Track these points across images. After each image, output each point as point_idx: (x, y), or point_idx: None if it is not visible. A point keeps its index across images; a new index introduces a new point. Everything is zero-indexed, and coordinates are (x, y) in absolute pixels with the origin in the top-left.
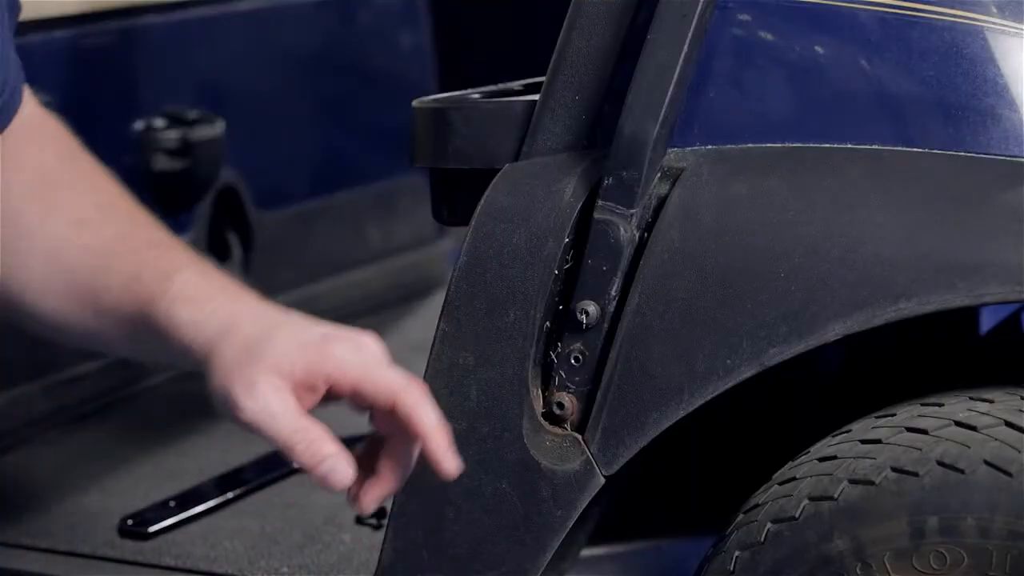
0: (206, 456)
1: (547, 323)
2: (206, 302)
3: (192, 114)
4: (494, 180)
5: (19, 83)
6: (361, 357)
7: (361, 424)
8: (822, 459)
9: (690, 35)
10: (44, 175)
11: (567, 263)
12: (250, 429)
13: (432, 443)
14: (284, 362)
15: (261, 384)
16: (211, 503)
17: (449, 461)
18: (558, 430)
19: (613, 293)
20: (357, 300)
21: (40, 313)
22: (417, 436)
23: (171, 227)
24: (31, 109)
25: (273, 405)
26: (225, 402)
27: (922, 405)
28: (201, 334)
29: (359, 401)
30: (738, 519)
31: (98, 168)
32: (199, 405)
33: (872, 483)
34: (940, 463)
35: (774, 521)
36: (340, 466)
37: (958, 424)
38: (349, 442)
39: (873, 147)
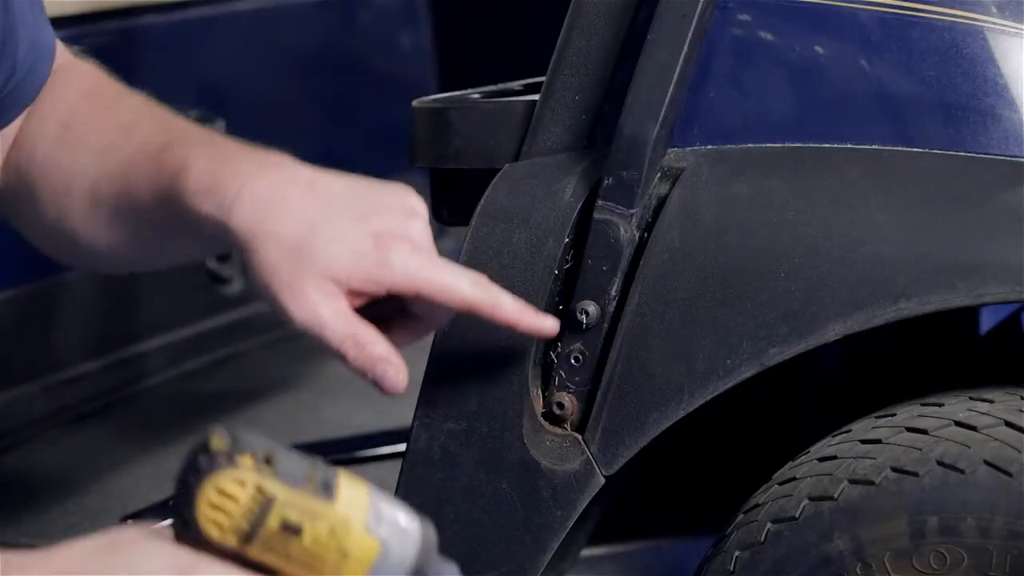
0: None
1: None
2: (226, 188)
3: (192, 114)
4: (494, 180)
5: (38, 60)
6: (419, 263)
7: (361, 424)
8: (822, 459)
9: (690, 35)
10: (67, 118)
11: (567, 263)
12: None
13: (524, 327)
14: (338, 271)
15: (311, 292)
16: None
17: (545, 324)
18: (558, 430)
19: (613, 293)
20: None
21: (96, 251)
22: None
23: None
24: (60, 62)
25: (324, 314)
26: (271, 303)
27: (922, 405)
28: (230, 223)
29: (419, 302)
30: (738, 519)
31: (123, 92)
32: (199, 405)
33: (872, 483)
34: (940, 463)
35: (774, 521)
36: (391, 371)
37: (958, 424)
38: (350, 442)
39: (873, 147)
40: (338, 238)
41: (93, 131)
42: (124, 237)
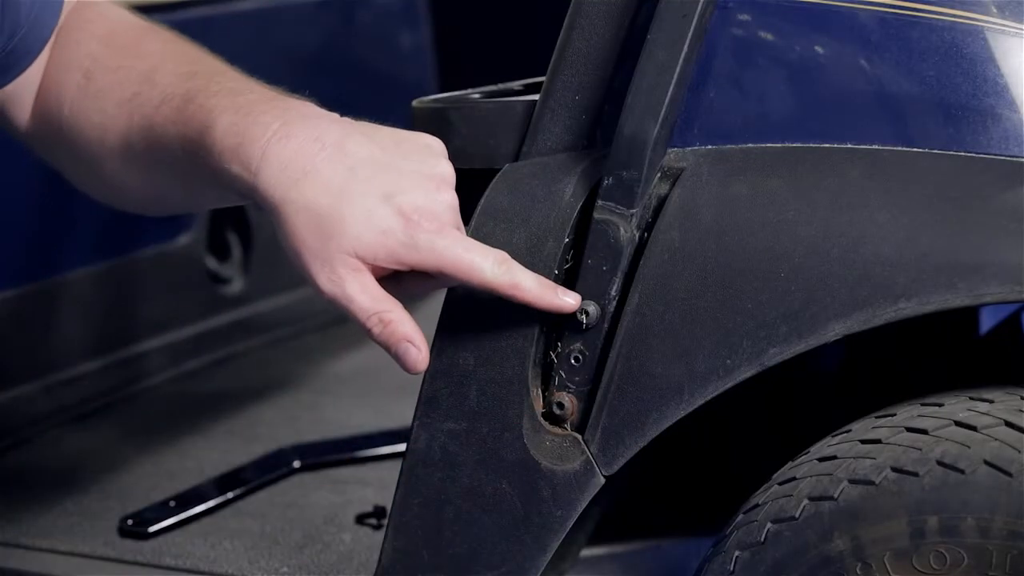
0: (206, 456)
1: (547, 323)
2: (252, 146)
3: None
4: (494, 180)
5: (43, 11)
6: (444, 243)
7: (361, 424)
8: (822, 459)
9: (690, 35)
10: (89, 66)
11: (567, 263)
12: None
13: (544, 306)
14: (364, 250)
15: (338, 267)
16: (211, 503)
17: (565, 301)
18: (558, 430)
19: (613, 293)
20: None
21: (134, 197)
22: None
23: (171, 227)
24: (75, 8)
25: (351, 290)
26: (300, 271)
27: (922, 405)
28: (257, 185)
29: (442, 277)
30: (738, 519)
31: (140, 31)
32: (199, 405)
33: (872, 483)
34: (940, 463)
35: (774, 521)
36: (412, 351)
37: (958, 424)
38: (350, 442)
39: (873, 147)
40: (365, 216)
41: (116, 81)
42: (159, 186)
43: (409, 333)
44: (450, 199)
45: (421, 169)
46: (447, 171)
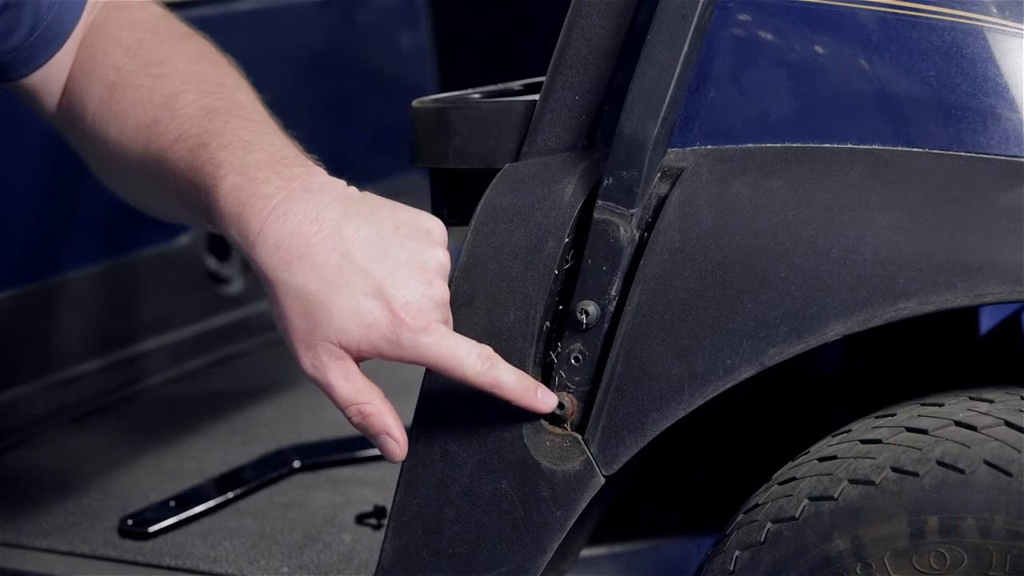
0: (206, 456)
1: (547, 323)
2: (251, 219)
3: None
4: (494, 180)
5: (64, 8)
6: (428, 341)
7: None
8: (822, 459)
9: (690, 35)
10: (114, 80)
11: (567, 263)
12: None
13: (524, 405)
14: (348, 342)
15: (322, 353)
16: (211, 503)
17: (544, 403)
18: (558, 430)
19: (613, 293)
20: None
21: (142, 205)
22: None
23: (171, 227)
24: (105, 9)
25: (331, 377)
26: (287, 345)
27: (922, 405)
28: (253, 257)
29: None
30: (738, 519)
31: (166, 47)
32: (199, 405)
33: (872, 483)
34: (940, 463)
35: (774, 521)
36: (390, 443)
37: (958, 424)
38: (350, 442)
39: (873, 147)
40: (352, 308)
41: (138, 102)
42: (169, 207)
43: (386, 425)
44: (441, 293)
45: (415, 259)
46: (442, 260)
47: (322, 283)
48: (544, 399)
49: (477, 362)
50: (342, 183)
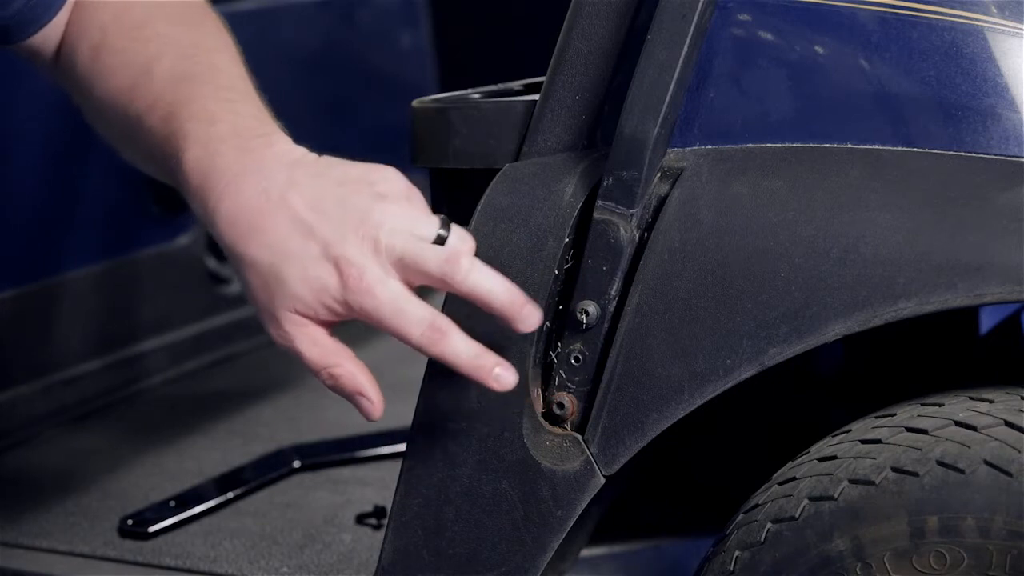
0: (206, 456)
1: (547, 323)
2: (209, 192)
3: None
4: (494, 180)
5: None
6: (376, 302)
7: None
8: (822, 459)
9: (690, 35)
10: (99, 41)
11: (567, 263)
12: None
13: (480, 380)
14: (303, 307)
15: (284, 324)
16: (211, 503)
17: (498, 381)
18: (558, 430)
19: (613, 293)
20: None
21: (139, 162)
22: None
23: (171, 227)
24: None
25: (299, 344)
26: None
27: (922, 405)
28: (214, 231)
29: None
30: (738, 519)
31: (148, 10)
32: (199, 406)
33: (872, 483)
34: (940, 463)
35: (774, 521)
36: (364, 403)
37: (958, 424)
38: (350, 442)
39: (873, 147)
40: (302, 275)
41: (120, 64)
42: (148, 168)
43: (358, 385)
44: (391, 243)
45: (357, 216)
46: (390, 210)
47: (273, 254)
48: (501, 377)
49: (423, 334)
50: (301, 150)
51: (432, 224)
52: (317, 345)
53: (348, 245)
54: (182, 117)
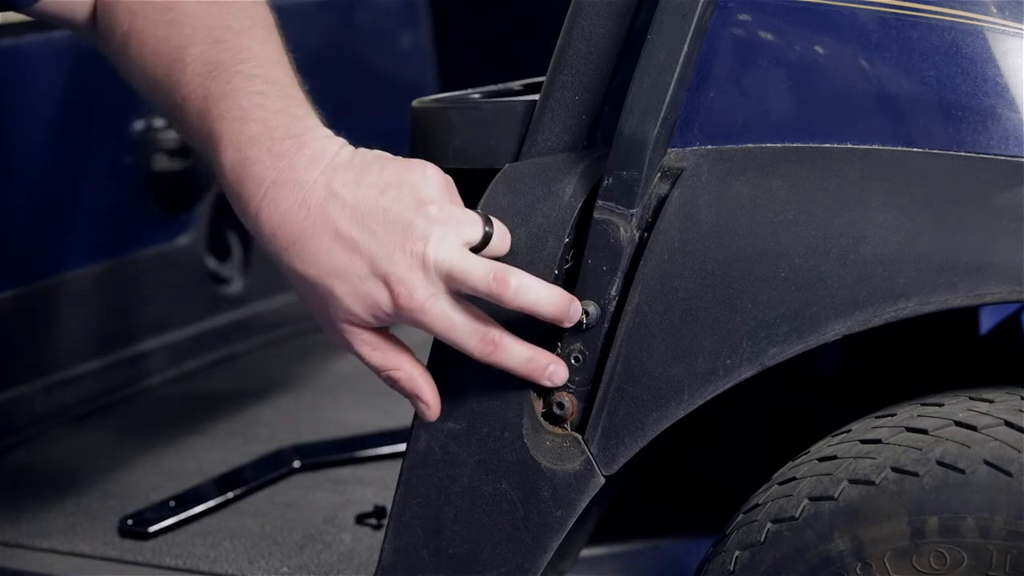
0: (206, 456)
1: (548, 324)
2: (249, 197)
3: None
4: (494, 180)
5: None
6: (429, 318)
7: (361, 424)
8: (822, 459)
9: (690, 35)
10: (129, 25)
11: (567, 263)
12: None
13: (534, 380)
14: (357, 320)
15: (343, 333)
16: (211, 503)
17: (557, 373)
18: (558, 430)
19: (613, 293)
20: None
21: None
22: None
23: (171, 227)
24: None
25: (358, 349)
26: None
27: (922, 405)
28: (258, 238)
29: None
30: (738, 519)
31: None
32: (199, 405)
33: (872, 483)
34: (940, 463)
35: (774, 521)
36: (421, 406)
37: (958, 424)
38: (350, 442)
39: (873, 147)
40: (352, 291)
41: (152, 52)
42: (192, 145)
43: (416, 388)
44: (438, 256)
45: (401, 226)
46: (434, 215)
47: (319, 269)
48: (555, 374)
49: (477, 346)
50: (333, 148)
51: (476, 225)
52: (376, 349)
53: (396, 263)
54: (213, 116)
